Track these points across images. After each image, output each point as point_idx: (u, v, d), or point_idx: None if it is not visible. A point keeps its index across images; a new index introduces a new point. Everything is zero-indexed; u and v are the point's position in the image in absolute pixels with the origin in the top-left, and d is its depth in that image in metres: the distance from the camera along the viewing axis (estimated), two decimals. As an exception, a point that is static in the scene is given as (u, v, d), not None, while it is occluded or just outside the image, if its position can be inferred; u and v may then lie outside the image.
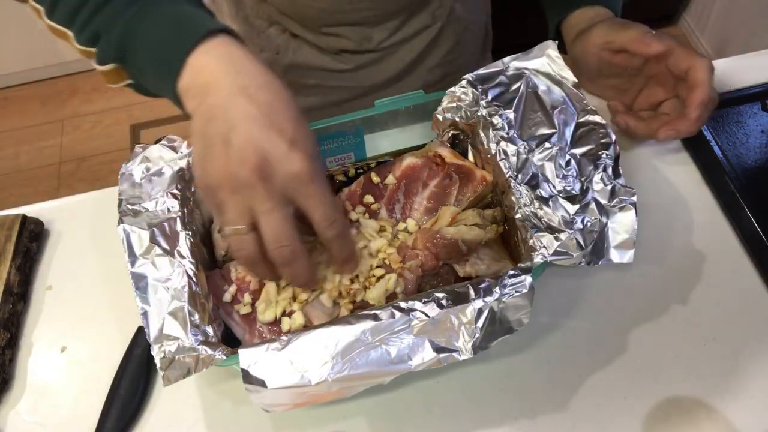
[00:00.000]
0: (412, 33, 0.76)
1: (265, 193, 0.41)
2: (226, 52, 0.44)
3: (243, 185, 0.41)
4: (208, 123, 0.42)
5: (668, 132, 0.60)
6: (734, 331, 0.55)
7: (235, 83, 0.42)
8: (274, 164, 0.41)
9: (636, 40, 0.60)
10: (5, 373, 0.55)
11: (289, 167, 0.41)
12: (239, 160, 0.40)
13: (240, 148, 0.41)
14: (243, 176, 0.40)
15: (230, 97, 0.42)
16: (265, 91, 0.42)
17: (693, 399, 0.52)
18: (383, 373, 0.41)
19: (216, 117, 0.42)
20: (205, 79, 0.43)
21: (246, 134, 0.41)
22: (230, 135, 0.41)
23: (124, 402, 0.52)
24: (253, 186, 0.41)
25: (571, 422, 0.51)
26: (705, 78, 0.58)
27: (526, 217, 0.49)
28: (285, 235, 0.43)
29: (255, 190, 0.41)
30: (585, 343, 0.55)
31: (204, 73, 0.43)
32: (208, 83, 0.43)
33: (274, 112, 0.42)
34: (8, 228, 0.61)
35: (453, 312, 0.42)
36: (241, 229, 0.43)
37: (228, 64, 0.43)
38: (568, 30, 0.70)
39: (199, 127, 0.43)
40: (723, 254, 0.59)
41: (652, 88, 0.65)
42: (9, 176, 1.87)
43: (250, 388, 0.40)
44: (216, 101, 0.42)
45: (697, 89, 0.58)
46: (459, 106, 0.57)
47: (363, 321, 0.42)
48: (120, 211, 0.49)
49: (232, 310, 0.51)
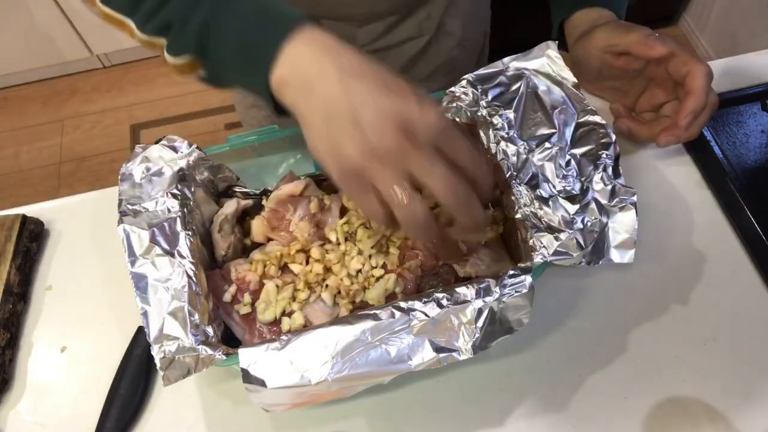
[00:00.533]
0: (397, 41, 0.76)
1: (419, 153, 0.40)
2: (318, 39, 0.43)
3: (391, 154, 0.40)
4: (328, 112, 0.41)
5: (668, 138, 0.60)
6: (734, 331, 0.55)
7: (339, 67, 0.41)
8: (414, 123, 0.40)
9: (639, 42, 0.60)
10: (5, 373, 0.55)
11: (429, 121, 0.40)
12: (379, 133, 0.40)
13: (373, 122, 0.40)
14: (389, 145, 0.40)
15: (341, 82, 0.41)
16: (368, 68, 0.42)
17: (693, 399, 0.52)
18: (383, 373, 0.41)
19: (334, 104, 0.41)
20: (305, 68, 0.42)
21: (373, 107, 0.40)
22: (357, 114, 0.40)
23: (124, 402, 0.52)
24: (402, 151, 0.40)
25: (571, 422, 0.51)
26: (701, 86, 0.58)
27: (526, 217, 0.49)
28: (456, 180, 0.42)
29: (406, 154, 0.40)
30: (585, 343, 0.55)
31: (302, 63, 0.42)
32: (309, 73, 0.42)
33: (387, 81, 0.41)
34: (8, 228, 0.61)
35: (453, 312, 0.42)
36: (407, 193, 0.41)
37: (324, 50, 0.42)
38: (570, 30, 0.70)
39: (317, 121, 0.42)
40: (723, 254, 0.59)
41: (653, 90, 0.65)
42: (9, 176, 1.87)
43: (249, 387, 0.40)
44: (328, 89, 0.41)
45: (690, 97, 0.59)
46: (459, 106, 0.57)
47: (363, 321, 0.42)
48: (120, 211, 0.49)
49: (232, 310, 0.51)
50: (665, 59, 0.60)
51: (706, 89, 0.58)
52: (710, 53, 1.95)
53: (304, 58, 0.42)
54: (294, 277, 0.52)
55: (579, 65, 0.62)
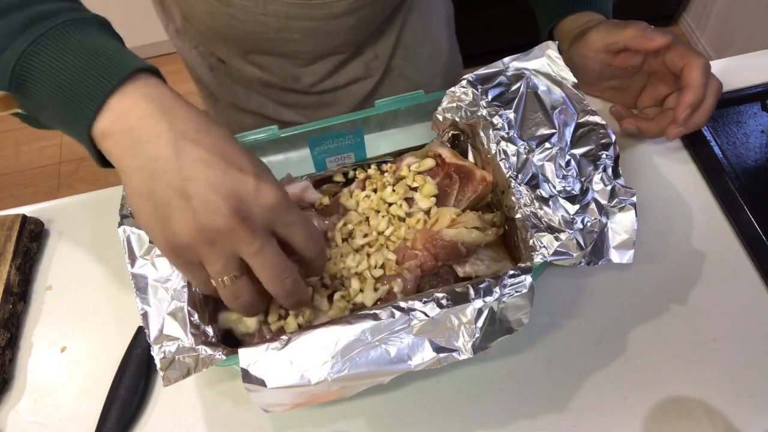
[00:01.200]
0: (344, 83, 0.75)
1: (250, 234, 0.38)
2: (154, 94, 0.39)
3: (221, 234, 0.38)
4: (153, 179, 0.38)
5: (677, 130, 0.60)
6: (734, 331, 0.55)
7: (172, 129, 0.38)
8: (248, 203, 0.38)
9: (637, 36, 0.60)
10: (5, 373, 0.55)
11: (264, 200, 0.39)
12: (210, 210, 0.37)
13: (205, 198, 0.37)
14: (220, 224, 0.37)
15: (172, 146, 0.38)
16: (206, 133, 0.39)
17: (693, 399, 0.52)
18: (383, 373, 0.41)
19: (161, 171, 0.38)
20: (131, 124, 0.38)
21: (206, 181, 0.37)
22: (187, 187, 0.37)
23: (124, 402, 0.52)
24: (233, 231, 0.38)
25: (571, 422, 0.51)
26: (697, 79, 0.58)
27: (526, 217, 0.49)
28: (284, 266, 0.41)
29: (236, 234, 0.38)
30: (585, 343, 0.55)
31: (130, 118, 0.38)
32: (136, 129, 0.38)
33: (226, 152, 0.39)
34: (8, 228, 0.61)
35: (453, 312, 0.42)
36: (233, 277, 0.40)
37: (158, 107, 0.39)
38: (561, 36, 0.70)
39: (139, 186, 0.38)
40: (723, 254, 0.59)
41: (654, 84, 0.65)
42: (9, 176, 1.87)
43: (249, 387, 0.40)
44: (156, 152, 0.38)
45: (688, 90, 0.59)
46: (459, 106, 0.57)
47: (363, 321, 0.42)
48: (121, 214, 0.49)
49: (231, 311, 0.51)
50: (663, 51, 0.60)
51: (704, 82, 0.58)
52: (710, 53, 1.95)
53: (132, 112, 0.38)
54: None
55: (577, 70, 0.62)
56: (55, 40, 0.39)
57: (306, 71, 0.72)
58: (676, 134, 0.61)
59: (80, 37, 0.39)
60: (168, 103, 0.39)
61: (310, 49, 0.69)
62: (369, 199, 0.56)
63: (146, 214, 0.39)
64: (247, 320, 0.49)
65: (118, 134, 0.38)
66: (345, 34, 0.68)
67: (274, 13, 0.63)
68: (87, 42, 0.39)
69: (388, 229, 0.54)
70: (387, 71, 0.77)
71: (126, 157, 0.39)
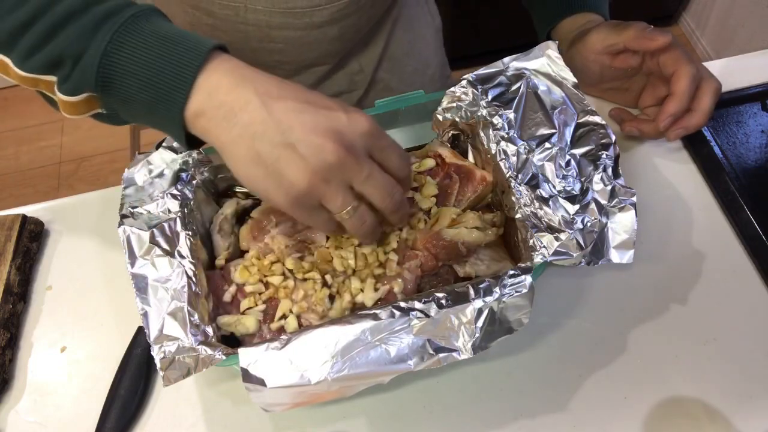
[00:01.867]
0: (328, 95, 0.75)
1: (356, 162, 0.41)
2: (232, 67, 0.42)
3: (333, 168, 0.40)
4: (256, 141, 0.40)
5: (677, 131, 0.61)
6: (734, 331, 0.55)
7: (258, 93, 0.40)
8: (347, 134, 0.40)
9: (637, 37, 0.60)
10: (5, 373, 0.55)
11: (360, 128, 0.41)
12: (316, 150, 0.39)
13: (308, 141, 0.39)
14: (330, 160, 0.40)
15: (264, 107, 0.40)
16: (286, 89, 0.42)
17: (693, 399, 0.52)
18: (383, 373, 0.41)
19: (261, 131, 0.40)
20: (221, 99, 0.40)
21: (304, 126, 0.40)
22: (289, 137, 0.40)
23: (124, 402, 0.52)
24: (342, 163, 0.40)
25: (571, 422, 0.51)
26: (682, 88, 0.59)
27: (526, 217, 0.49)
28: (391, 183, 0.43)
29: (346, 165, 0.40)
30: (585, 343, 0.55)
31: (219, 93, 0.40)
32: (227, 102, 0.40)
33: (309, 98, 0.41)
34: (8, 228, 0.61)
35: (453, 312, 0.42)
36: (354, 205, 0.43)
37: (239, 78, 0.41)
38: (559, 38, 0.70)
39: (245, 153, 0.40)
40: (723, 254, 0.59)
41: (654, 84, 0.65)
42: (9, 176, 1.87)
43: (249, 387, 0.40)
44: (251, 117, 0.40)
45: (671, 99, 0.59)
46: (459, 106, 0.57)
47: (363, 320, 0.42)
48: (121, 213, 0.49)
49: (232, 310, 0.51)
50: (660, 52, 0.60)
51: (689, 91, 0.59)
52: (710, 53, 1.95)
53: (221, 87, 0.41)
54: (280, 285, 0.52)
55: (577, 71, 0.62)
56: (130, 35, 0.40)
57: None
58: (677, 135, 0.61)
59: (151, 28, 0.41)
60: (245, 73, 0.42)
61: (293, 59, 0.69)
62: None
63: (260, 178, 0.41)
64: (246, 321, 0.49)
65: (211, 110, 0.40)
66: (328, 44, 0.68)
67: (256, 23, 0.62)
68: (158, 31, 0.41)
69: None
70: (372, 84, 0.77)
71: (224, 131, 0.41)
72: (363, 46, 0.73)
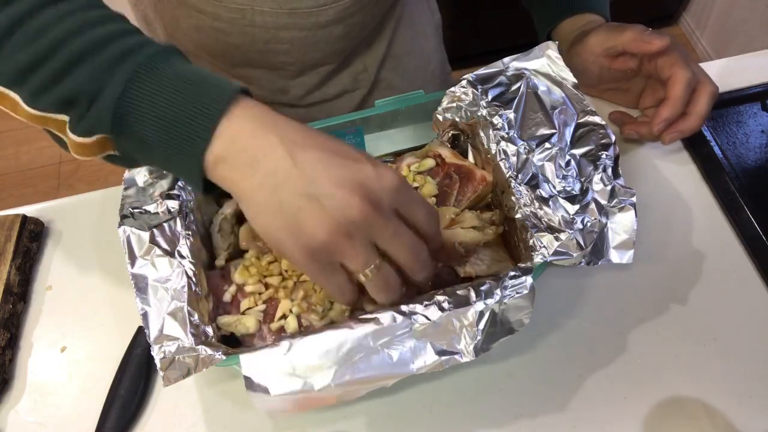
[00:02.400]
0: (332, 95, 0.74)
1: (383, 219, 0.39)
2: (256, 113, 0.39)
3: (357, 224, 0.38)
4: (278, 190, 0.38)
5: (672, 135, 0.61)
6: (734, 331, 0.55)
7: (283, 142, 0.38)
8: (374, 189, 0.38)
9: (635, 40, 0.60)
10: (5, 373, 0.55)
11: (388, 184, 0.39)
12: (341, 205, 0.37)
13: (333, 194, 0.37)
14: (355, 215, 0.38)
15: (289, 156, 0.38)
16: (312, 137, 0.40)
17: (693, 399, 0.52)
18: (386, 377, 0.41)
19: (284, 180, 0.38)
20: (245, 144, 0.38)
21: (330, 179, 0.38)
22: (313, 189, 0.38)
23: (124, 402, 0.52)
24: (367, 219, 0.38)
25: (571, 422, 0.51)
26: (677, 94, 0.59)
27: (526, 217, 0.49)
28: (418, 242, 0.41)
29: (371, 222, 0.38)
30: (585, 343, 0.55)
31: (241, 139, 0.38)
32: (250, 149, 0.38)
33: (337, 149, 0.39)
34: (8, 228, 0.61)
35: (454, 315, 0.42)
36: (377, 264, 0.40)
37: (264, 124, 0.39)
38: (559, 39, 0.70)
39: (265, 202, 0.38)
40: (723, 254, 0.59)
41: (653, 86, 0.65)
42: (9, 176, 1.87)
43: (253, 395, 0.40)
44: (274, 165, 0.38)
45: (666, 104, 0.59)
46: (459, 106, 0.57)
47: (364, 325, 0.42)
48: (121, 214, 0.49)
49: (232, 310, 0.51)
50: (658, 55, 0.60)
51: (683, 97, 0.59)
52: (710, 53, 1.95)
53: (244, 133, 0.38)
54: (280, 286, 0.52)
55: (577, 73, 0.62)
56: (149, 75, 0.38)
57: (294, 83, 0.72)
58: (672, 140, 0.61)
59: (171, 68, 0.39)
60: (270, 118, 0.40)
61: (298, 59, 0.69)
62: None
63: (277, 228, 0.39)
64: (246, 321, 0.49)
65: (233, 157, 0.38)
66: (333, 44, 0.67)
67: (262, 24, 0.62)
68: (179, 72, 0.39)
69: None
70: (375, 83, 0.77)
71: (244, 178, 0.39)
72: (367, 46, 0.73)
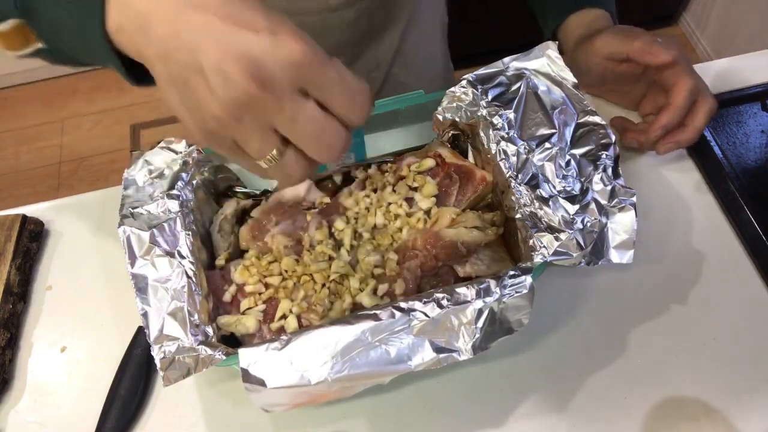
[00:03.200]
0: None
1: (275, 99, 0.33)
2: None
3: (245, 106, 0.33)
4: (168, 60, 0.33)
5: (667, 145, 0.61)
6: (734, 331, 0.55)
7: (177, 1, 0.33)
8: (264, 63, 0.32)
9: (642, 50, 0.60)
10: (5, 373, 0.55)
11: (284, 56, 0.32)
12: (224, 82, 0.32)
13: (216, 68, 0.32)
14: (237, 95, 0.32)
15: (176, 20, 0.33)
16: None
17: (693, 399, 0.52)
18: (383, 373, 0.41)
19: (173, 48, 0.33)
20: (138, 7, 0.34)
21: (215, 48, 0.32)
22: (199, 59, 0.32)
23: (124, 402, 0.52)
24: (254, 100, 0.32)
25: (571, 422, 0.51)
26: (679, 102, 0.59)
27: (526, 217, 0.49)
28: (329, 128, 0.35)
29: (259, 105, 0.33)
30: (585, 343, 0.55)
31: (135, 2, 0.34)
32: (142, 13, 0.34)
33: (234, 13, 0.33)
34: (8, 228, 0.61)
35: (453, 312, 0.42)
36: (274, 154, 0.35)
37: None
38: (566, 35, 0.70)
39: (160, 74, 0.34)
40: (723, 254, 0.59)
41: (654, 93, 0.65)
42: (9, 176, 1.87)
43: (249, 387, 0.40)
44: (164, 30, 0.33)
45: (666, 111, 0.60)
46: (459, 106, 0.57)
47: (363, 321, 0.42)
48: (121, 214, 0.49)
49: (232, 310, 0.51)
50: (663, 68, 0.60)
51: (685, 106, 0.59)
52: (710, 53, 1.95)
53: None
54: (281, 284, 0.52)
55: (581, 73, 0.62)
56: None
57: None
58: (667, 150, 0.62)
59: None
60: None
61: None
62: (369, 198, 0.57)
63: (177, 103, 0.35)
64: (246, 321, 0.49)
65: (129, 23, 0.35)
66: (344, 30, 0.67)
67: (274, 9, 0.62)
68: None
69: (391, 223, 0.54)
70: (386, 80, 0.77)
71: (143, 48, 0.34)
72: (379, 41, 0.73)
